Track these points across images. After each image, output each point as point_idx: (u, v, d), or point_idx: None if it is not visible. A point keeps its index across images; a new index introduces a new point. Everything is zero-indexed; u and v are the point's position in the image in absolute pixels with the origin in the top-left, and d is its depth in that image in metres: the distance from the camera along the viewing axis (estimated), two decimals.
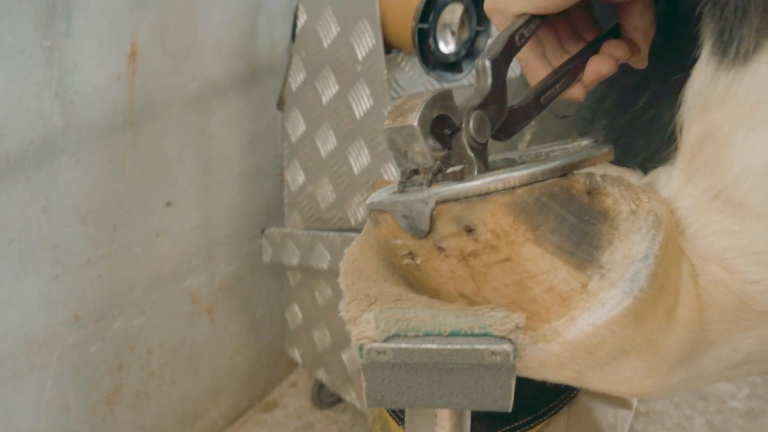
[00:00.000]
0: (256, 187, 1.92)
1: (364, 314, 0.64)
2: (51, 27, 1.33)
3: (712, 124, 0.66)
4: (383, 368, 0.67)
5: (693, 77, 0.68)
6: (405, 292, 0.67)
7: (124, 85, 1.50)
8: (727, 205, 0.66)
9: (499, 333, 0.63)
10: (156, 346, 1.73)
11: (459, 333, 0.64)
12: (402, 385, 0.68)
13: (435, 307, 0.65)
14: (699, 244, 0.68)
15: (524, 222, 0.63)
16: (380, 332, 0.64)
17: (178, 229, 1.71)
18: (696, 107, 0.67)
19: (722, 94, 0.65)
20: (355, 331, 0.64)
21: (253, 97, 1.85)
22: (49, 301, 1.45)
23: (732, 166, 0.65)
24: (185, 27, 1.61)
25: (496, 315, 0.64)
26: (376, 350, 0.64)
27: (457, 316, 0.64)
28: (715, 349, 0.69)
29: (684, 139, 0.69)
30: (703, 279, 0.67)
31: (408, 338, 0.65)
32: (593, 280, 0.65)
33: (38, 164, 1.37)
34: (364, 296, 0.65)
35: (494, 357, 0.64)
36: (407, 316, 0.64)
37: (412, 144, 0.66)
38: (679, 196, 0.69)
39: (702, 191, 0.67)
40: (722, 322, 0.68)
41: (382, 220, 0.68)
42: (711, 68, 0.65)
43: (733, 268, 0.66)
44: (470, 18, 1.56)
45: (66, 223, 1.45)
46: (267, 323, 2.07)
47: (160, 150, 1.62)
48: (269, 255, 1.90)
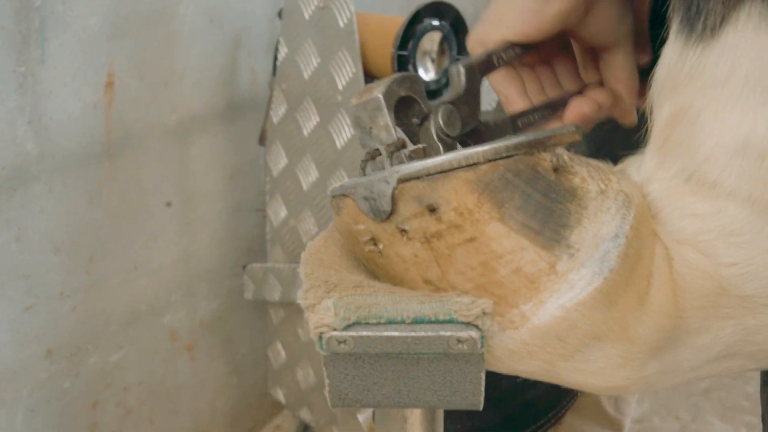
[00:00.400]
0: (237, 224, 1.90)
1: (323, 301, 0.61)
2: (25, 53, 1.32)
3: (683, 103, 0.64)
4: (345, 361, 0.64)
5: (662, 57, 0.66)
6: (366, 279, 0.64)
7: (101, 114, 1.48)
8: (701, 186, 0.64)
9: (465, 319, 0.61)
10: (133, 383, 1.68)
11: (423, 320, 0.62)
12: (366, 381, 0.65)
13: (397, 293, 0.63)
14: (673, 228, 0.66)
15: (489, 199, 0.61)
16: (340, 320, 0.61)
17: (157, 263, 1.68)
18: (666, 88, 0.65)
19: (691, 71, 0.63)
20: (314, 319, 0.61)
21: (234, 132, 1.84)
22: (21, 333, 1.41)
23: (703, 145, 0.63)
24: (164, 58, 1.60)
25: (462, 300, 0.61)
26: (336, 339, 0.61)
27: (421, 302, 0.62)
28: (693, 338, 0.66)
29: (655, 122, 0.67)
30: (678, 263, 0.65)
31: (369, 326, 0.62)
32: (562, 260, 0.62)
33: (10, 192, 1.34)
34: (322, 283, 0.63)
35: (461, 345, 0.61)
36: (368, 302, 0.62)
37: (377, 118, 0.64)
38: (652, 180, 0.67)
39: (674, 174, 0.65)
40: (699, 308, 0.65)
41: (343, 206, 0.66)
42: (679, 46, 0.64)
43: (709, 251, 0.64)
44: (450, 46, 1.56)
45: (39, 253, 1.42)
46: (249, 363, 2.03)
47: (139, 181, 1.60)
48: (251, 291, 1.87)
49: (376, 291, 0.62)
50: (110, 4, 1.45)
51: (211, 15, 1.70)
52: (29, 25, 1.31)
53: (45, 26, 1.33)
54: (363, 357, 0.64)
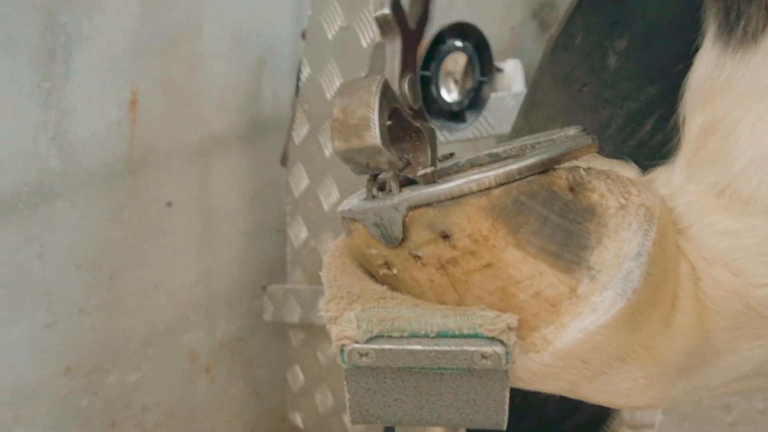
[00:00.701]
0: (258, 244, 1.89)
1: (345, 313, 0.60)
2: (50, 69, 1.32)
3: (717, 113, 0.62)
4: (367, 375, 0.63)
5: (696, 65, 0.64)
6: (389, 291, 0.63)
7: (124, 131, 1.48)
8: (733, 201, 0.62)
9: (490, 333, 0.59)
10: (151, 404, 1.67)
11: (447, 334, 0.60)
12: (388, 396, 0.64)
13: (421, 306, 0.61)
14: (701, 244, 0.64)
15: (503, 224, 0.59)
16: (362, 332, 0.60)
17: (177, 282, 1.68)
18: (700, 97, 0.64)
19: (728, 79, 0.61)
20: (336, 331, 0.60)
21: (256, 152, 1.84)
22: (40, 350, 1.41)
23: (738, 158, 0.61)
24: (187, 77, 1.61)
25: (487, 314, 0.60)
26: (357, 352, 0.60)
27: (445, 315, 0.60)
28: (720, 359, 0.64)
29: (686, 133, 0.65)
30: (706, 282, 0.63)
31: (392, 339, 0.60)
32: (582, 283, 0.60)
33: (33, 207, 1.34)
34: (345, 294, 0.61)
35: (485, 361, 0.60)
36: (391, 315, 0.60)
37: (376, 157, 0.61)
38: (681, 194, 0.65)
39: (705, 188, 0.64)
40: (727, 329, 0.63)
41: (354, 230, 0.64)
42: (716, 52, 0.62)
43: (740, 270, 0.62)
44: (474, 68, 1.55)
45: (60, 270, 1.42)
46: (268, 386, 2.01)
47: (160, 200, 1.60)
48: (270, 313, 1.86)
49: (399, 303, 0.61)
50: (136, 22, 1.46)
51: (235, 35, 1.70)
52: (55, 41, 1.32)
53: (70, 43, 1.34)
54: (385, 371, 0.62)
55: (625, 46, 0.92)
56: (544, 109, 1.02)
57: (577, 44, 0.98)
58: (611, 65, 0.95)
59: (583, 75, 0.98)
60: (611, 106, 0.98)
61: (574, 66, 0.96)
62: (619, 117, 0.96)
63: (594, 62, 0.95)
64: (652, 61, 0.91)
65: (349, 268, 0.66)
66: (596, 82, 0.97)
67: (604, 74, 0.96)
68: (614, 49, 0.94)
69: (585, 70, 0.97)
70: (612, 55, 0.94)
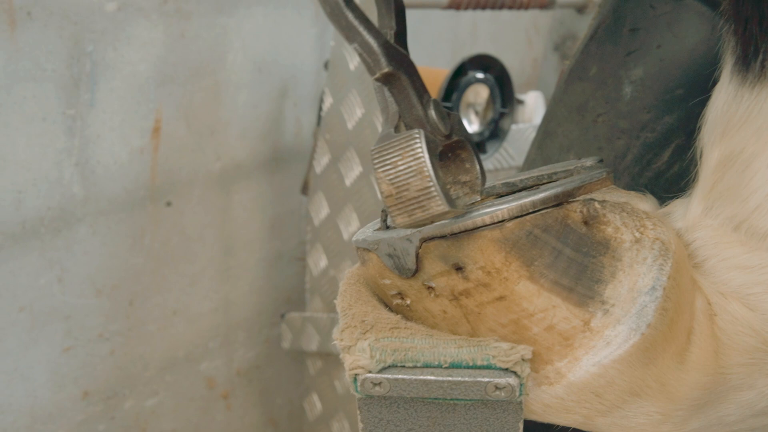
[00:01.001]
0: (277, 273, 1.90)
1: (359, 342, 0.60)
2: (75, 96, 1.34)
3: (734, 147, 0.62)
4: (380, 405, 0.63)
5: (713, 98, 0.64)
6: (403, 321, 0.63)
7: (147, 159, 1.50)
8: (750, 236, 0.62)
9: (504, 364, 0.59)
10: (168, 430, 1.67)
11: (460, 365, 0.60)
12: (401, 427, 0.64)
13: (434, 336, 0.61)
14: (718, 279, 0.63)
15: (517, 258, 0.59)
16: (375, 362, 0.60)
17: (196, 309, 1.68)
18: (717, 130, 0.64)
19: (745, 113, 0.61)
20: (349, 360, 0.60)
21: (277, 181, 1.85)
22: (58, 374, 1.42)
23: (755, 192, 0.61)
24: (210, 106, 1.62)
25: (501, 346, 0.60)
26: (371, 381, 0.60)
27: (459, 346, 0.60)
28: (736, 394, 0.63)
29: (703, 166, 0.65)
30: (722, 318, 0.63)
31: (405, 369, 0.60)
32: (596, 317, 0.60)
33: (55, 232, 1.36)
34: (359, 323, 0.61)
35: (498, 392, 0.59)
36: (405, 345, 0.60)
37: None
38: (697, 227, 0.65)
39: (722, 222, 0.63)
40: (744, 365, 0.62)
41: (367, 259, 0.64)
42: (733, 87, 0.62)
43: (757, 306, 0.62)
44: (495, 100, 1.56)
45: (80, 295, 1.43)
46: (285, 415, 2.01)
47: (181, 227, 1.61)
48: (289, 341, 1.86)
49: (413, 333, 0.61)
50: (160, 51, 1.48)
51: (259, 65, 1.72)
52: (80, 69, 1.34)
53: (95, 71, 1.36)
54: (398, 401, 0.62)
55: (640, 76, 0.92)
56: (558, 140, 1.02)
57: (592, 74, 0.98)
58: (626, 95, 0.95)
59: (597, 105, 0.98)
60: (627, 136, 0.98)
61: (589, 96, 0.96)
62: (635, 148, 0.96)
63: (609, 92, 0.95)
64: (668, 91, 0.91)
65: (364, 297, 0.66)
66: (611, 112, 0.97)
67: (619, 104, 0.96)
68: (629, 79, 0.94)
69: (600, 100, 0.97)
70: (627, 84, 0.94)
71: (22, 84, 1.26)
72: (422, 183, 0.57)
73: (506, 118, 1.57)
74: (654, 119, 0.93)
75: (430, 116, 0.63)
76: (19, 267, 1.31)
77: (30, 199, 1.31)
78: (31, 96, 1.28)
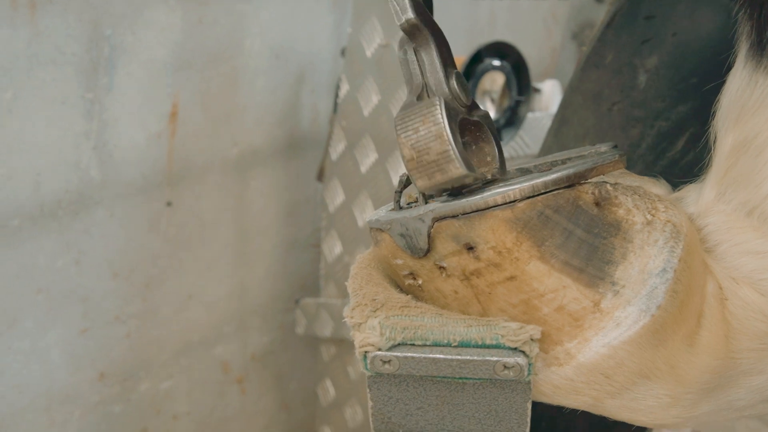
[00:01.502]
0: (292, 259, 1.91)
1: (369, 320, 0.61)
2: (94, 80, 1.35)
3: (748, 132, 0.62)
4: (389, 383, 0.63)
5: (728, 84, 0.65)
6: (413, 300, 0.63)
7: (164, 144, 1.51)
8: (763, 222, 0.62)
9: (513, 344, 0.60)
10: (183, 413, 1.69)
11: (469, 344, 0.61)
12: (410, 405, 0.64)
13: (444, 315, 0.62)
14: (729, 264, 0.64)
15: (528, 238, 0.60)
16: (385, 340, 0.61)
17: (211, 294, 1.70)
18: (731, 116, 0.64)
19: (759, 99, 0.61)
20: (359, 337, 0.61)
21: (293, 167, 1.85)
22: (75, 355, 1.43)
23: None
24: (228, 92, 1.63)
25: (510, 325, 0.60)
26: (380, 359, 0.61)
27: (468, 325, 0.61)
28: (747, 379, 0.64)
29: (717, 151, 0.66)
30: (733, 302, 0.63)
31: (415, 347, 0.61)
32: (606, 298, 0.61)
33: (72, 215, 1.37)
34: (369, 301, 0.62)
35: (507, 371, 0.60)
36: (414, 324, 0.61)
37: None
38: (710, 212, 0.65)
39: (735, 207, 0.64)
40: (754, 350, 0.63)
41: (381, 239, 0.65)
42: (747, 73, 0.62)
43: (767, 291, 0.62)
44: (511, 87, 1.56)
45: (97, 278, 1.44)
46: (299, 400, 2.02)
47: (197, 212, 1.62)
48: (303, 326, 1.87)
49: (423, 312, 0.62)
50: (178, 37, 1.49)
51: (276, 52, 1.73)
52: (99, 53, 1.35)
53: (114, 55, 1.37)
54: (407, 379, 0.63)
55: (655, 64, 0.92)
56: (574, 128, 1.02)
57: (608, 62, 0.98)
58: (641, 84, 0.94)
59: (612, 94, 0.98)
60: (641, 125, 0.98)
61: (604, 84, 0.96)
62: (650, 136, 0.95)
63: (624, 81, 0.95)
64: (683, 80, 0.91)
65: (375, 278, 0.67)
66: (626, 101, 0.97)
67: (634, 93, 0.96)
68: (645, 68, 0.94)
69: (615, 88, 0.97)
70: (642, 73, 0.94)
71: (41, 67, 1.28)
72: (441, 146, 0.59)
73: (522, 105, 1.57)
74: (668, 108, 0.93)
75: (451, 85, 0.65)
76: (37, 249, 1.33)
77: (48, 182, 1.32)
78: (50, 79, 1.29)
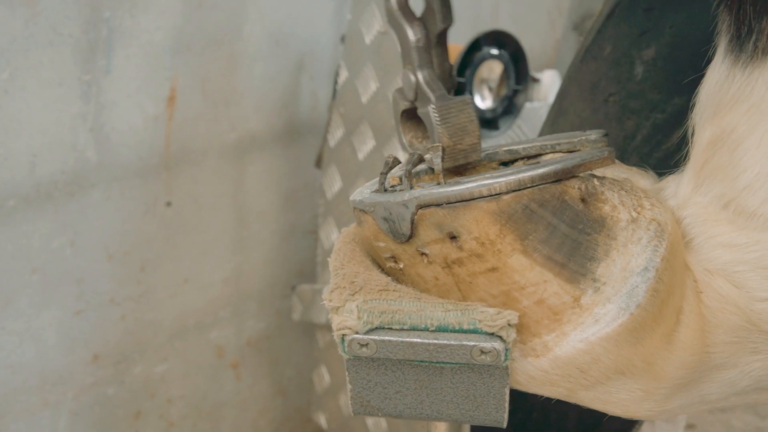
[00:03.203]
0: (289, 245, 1.91)
1: (347, 304, 0.61)
2: (91, 62, 1.35)
3: (725, 126, 0.62)
4: (368, 366, 0.64)
5: (707, 77, 0.65)
6: (392, 283, 0.64)
7: (161, 127, 1.51)
8: (738, 215, 0.62)
9: (490, 329, 0.60)
10: (177, 396, 1.70)
11: (447, 328, 0.61)
12: (388, 389, 0.65)
13: (422, 300, 0.62)
14: (705, 256, 0.64)
15: (511, 231, 0.60)
16: (363, 323, 0.61)
17: (207, 278, 1.70)
18: (709, 109, 0.64)
19: (737, 94, 0.61)
20: (337, 320, 0.61)
21: (291, 154, 1.86)
22: (69, 337, 1.44)
23: (744, 172, 0.61)
24: (226, 77, 1.63)
25: (487, 311, 0.61)
26: (358, 342, 0.61)
27: (446, 310, 0.61)
28: (719, 373, 0.64)
29: (695, 145, 0.66)
30: (708, 295, 0.63)
31: (392, 331, 0.61)
32: (586, 294, 0.61)
33: (68, 196, 1.38)
34: (348, 284, 0.63)
35: (484, 356, 0.60)
36: (392, 308, 0.61)
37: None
38: (687, 205, 0.65)
39: (711, 200, 0.64)
40: (727, 343, 0.63)
41: (363, 221, 0.66)
42: (726, 66, 0.62)
43: (742, 283, 0.62)
44: (509, 76, 1.55)
45: (92, 259, 1.45)
46: (294, 386, 2.03)
47: (194, 196, 1.63)
48: (299, 312, 1.87)
49: (401, 296, 0.62)
50: (177, 20, 1.49)
51: (276, 37, 1.73)
52: (97, 35, 1.35)
53: (112, 37, 1.37)
54: (385, 363, 0.63)
55: (652, 56, 0.92)
56: (570, 118, 1.02)
57: (606, 54, 0.98)
58: (638, 75, 0.94)
59: (609, 85, 0.98)
60: (637, 117, 0.98)
61: (602, 76, 0.96)
62: (645, 128, 0.95)
63: (621, 72, 0.95)
64: (679, 72, 0.91)
65: (358, 257, 0.67)
66: (623, 92, 0.97)
67: (630, 84, 0.96)
68: (642, 59, 0.94)
69: (612, 80, 0.97)
70: (639, 64, 0.94)
71: (39, 48, 1.28)
72: (472, 140, 0.67)
73: (520, 95, 1.57)
74: (664, 100, 0.93)
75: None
76: (32, 229, 1.33)
77: (44, 163, 1.32)
78: (47, 60, 1.29)
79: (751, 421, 2.33)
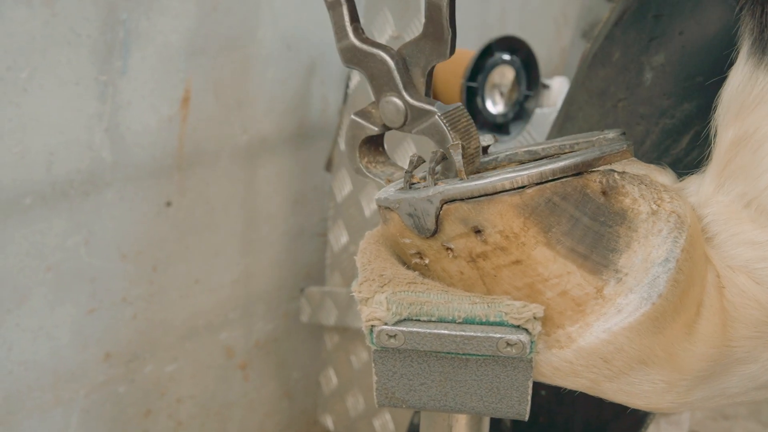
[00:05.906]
0: (299, 247, 1.92)
1: (376, 295, 0.62)
2: (108, 63, 1.37)
3: (748, 127, 0.64)
4: (394, 358, 0.65)
5: (729, 79, 0.66)
6: (419, 277, 0.65)
7: (175, 128, 1.53)
8: (760, 213, 0.63)
9: (516, 321, 0.61)
10: (186, 396, 1.71)
11: (473, 321, 0.62)
12: (414, 380, 0.66)
13: (450, 292, 0.63)
14: (727, 253, 0.65)
15: (535, 224, 0.61)
16: (391, 315, 0.62)
17: (217, 279, 1.71)
18: (732, 110, 0.65)
19: (759, 95, 0.63)
20: (366, 312, 0.62)
21: (302, 157, 1.87)
22: (82, 335, 1.45)
23: (767, 172, 0.62)
24: (239, 80, 1.65)
25: (514, 304, 0.62)
26: (386, 333, 0.62)
27: (473, 302, 0.62)
28: (741, 368, 0.65)
29: (717, 145, 0.67)
30: (730, 291, 0.64)
31: (420, 323, 0.63)
32: (609, 284, 0.62)
33: (83, 196, 1.39)
34: (377, 276, 0.64)
35: (509, 348, 0.61)
36: (420, 299, 0.62)
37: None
38: (709, 203, 0.67)
39: (733, 199, 0.65)
40: (749, 338, 0.64)
41: (389, 218, 0.67)
42: (749, 68, 0.64)
43: (763, 280, 0.63)
44: (520, 81, 1.57)
45: (106, 258, 1.46)
46: (301, 388, 2.04)
47: (206, 197, 1.64)
48: (307, 314, 1.88)
49: (429, 289, 0.63)
50: (192, 23, 1.50)
51: (288, 41, 1.74)
52: (114, 36, 1.36)
53: (129, 39, 1.39)
54: (412, 354, 0.64)
55: (661, 62, 0.93)
56: (578, 124, 1.03)
57: (615, 60, 0.99)
58: (647, 81, 0.95)
59: (618, 91, 0.99)
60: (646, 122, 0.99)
61: (610, 82, 0.97)
62: (654, 133, 0.96)
63: (630, 78, 0.96)
64: (688, 78, 0.92)
65: (383, 254, 0.68)
66: (631, 98, 0.98)
67: (639, 90, 0.97)
68: (651, 65, 0.95)
69: (621, 85, 0.98)
70: (648, 70, 0.95)
71: (57, 48, 1.29)
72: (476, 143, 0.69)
73: (531, 100, 1.59)
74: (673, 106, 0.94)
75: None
76: (47, 227, 1.35)
77: (61, 162, 1.34)
78: (65, 60, 1.31)
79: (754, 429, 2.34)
